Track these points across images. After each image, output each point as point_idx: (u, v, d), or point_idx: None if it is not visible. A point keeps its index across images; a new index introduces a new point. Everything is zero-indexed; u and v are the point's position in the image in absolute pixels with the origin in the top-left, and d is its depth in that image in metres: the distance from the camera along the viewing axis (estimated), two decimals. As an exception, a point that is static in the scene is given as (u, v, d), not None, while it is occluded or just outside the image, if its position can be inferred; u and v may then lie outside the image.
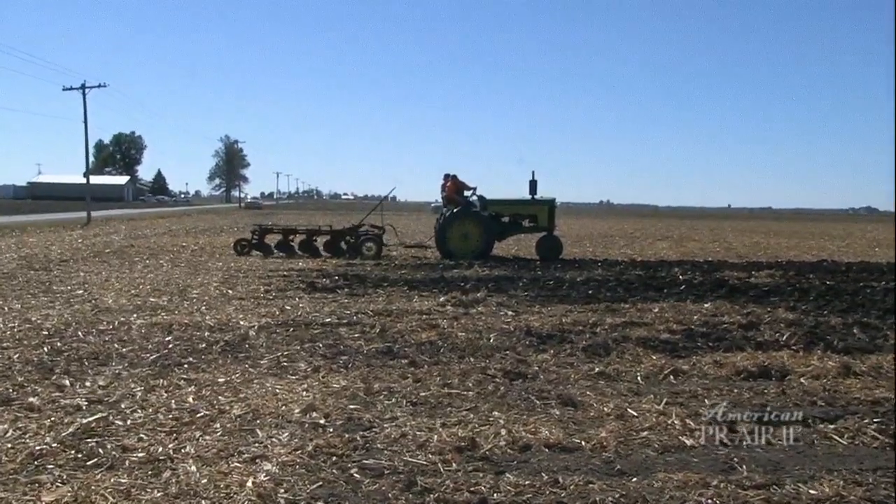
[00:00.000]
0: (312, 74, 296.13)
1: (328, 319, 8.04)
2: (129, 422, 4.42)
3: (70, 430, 4.24)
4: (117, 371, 5.62)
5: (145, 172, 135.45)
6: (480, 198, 17.26)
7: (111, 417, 4.48)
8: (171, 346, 6.53)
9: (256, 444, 4.09)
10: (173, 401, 4.85)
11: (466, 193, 17.29)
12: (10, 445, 4.00)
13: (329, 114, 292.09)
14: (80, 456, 3.88)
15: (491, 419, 4.61)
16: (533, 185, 16.96)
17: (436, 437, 4.25)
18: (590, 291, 10.71)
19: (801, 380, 5.67)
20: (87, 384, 5.23)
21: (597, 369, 5.92)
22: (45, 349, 6.28)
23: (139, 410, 4.64)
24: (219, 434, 4.25)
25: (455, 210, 16.66)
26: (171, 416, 4.55)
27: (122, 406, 4.72)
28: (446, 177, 17.48)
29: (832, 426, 4.54)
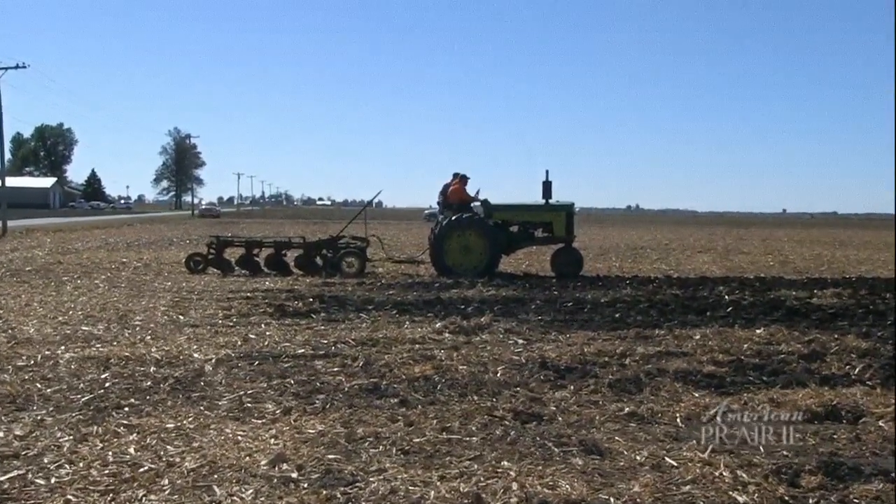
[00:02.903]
0: (280, 56, 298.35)
1: (301, 351, 8.03)
2: (53, 480, 4.37)
3: (-20, 489, 4.19)
4: (39, 417, 5.58)
5: (76, 173, 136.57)
6: (485, 203, 17.28)
7: (31, 475, 4.43)
8: (107, 384, 6.50)
9: (212, 505, 4.05)
10: (110, 452, 4.81)
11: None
12: None
13: (301, 104, 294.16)
14: (-8, 522, 3.84)
15: (499, 470, 4.59)
16: (547, 187, 16.97)
17: (433, 492, 4.23)
18: (617, 315, 10.74)
19: (880, 423, 5.66)
20: (1, 434, 5.18)
21: (626, 409, 5.92)
22: (-47, 390, 6.23)
23: (67, 465, 4.60)
24: (167, 492, 4.21)
25: (454, 218, 16.62)
26: (107, 471, 4.50)
27: (46, 460, 4.68)
28: (456, 175, 17.35)
29: (918, 479, 4.51)
